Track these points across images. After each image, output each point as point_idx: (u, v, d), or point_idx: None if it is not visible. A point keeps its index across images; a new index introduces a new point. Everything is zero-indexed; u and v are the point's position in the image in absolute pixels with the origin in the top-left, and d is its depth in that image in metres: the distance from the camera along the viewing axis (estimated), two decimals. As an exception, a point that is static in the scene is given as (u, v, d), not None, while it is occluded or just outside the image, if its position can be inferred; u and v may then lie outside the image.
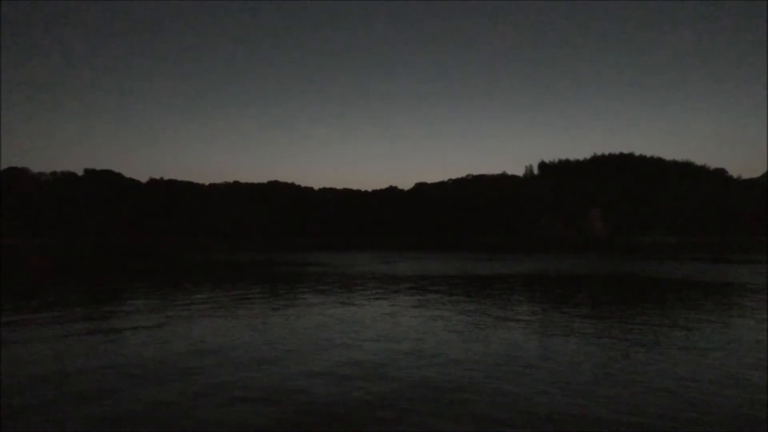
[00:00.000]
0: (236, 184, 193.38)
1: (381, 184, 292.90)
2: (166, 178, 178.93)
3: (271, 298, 19.38)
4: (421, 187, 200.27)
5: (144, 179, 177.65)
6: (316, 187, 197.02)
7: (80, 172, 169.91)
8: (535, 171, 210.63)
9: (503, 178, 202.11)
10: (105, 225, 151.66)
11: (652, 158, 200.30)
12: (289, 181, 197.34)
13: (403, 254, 58.96)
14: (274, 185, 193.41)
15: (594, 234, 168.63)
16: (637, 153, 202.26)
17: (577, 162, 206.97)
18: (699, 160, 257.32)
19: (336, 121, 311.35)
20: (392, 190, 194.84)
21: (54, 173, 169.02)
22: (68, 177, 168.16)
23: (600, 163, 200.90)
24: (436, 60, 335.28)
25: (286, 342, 11.62)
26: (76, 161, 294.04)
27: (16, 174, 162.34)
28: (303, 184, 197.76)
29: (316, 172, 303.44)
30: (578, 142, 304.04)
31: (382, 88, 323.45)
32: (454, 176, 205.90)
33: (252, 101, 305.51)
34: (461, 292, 21.70)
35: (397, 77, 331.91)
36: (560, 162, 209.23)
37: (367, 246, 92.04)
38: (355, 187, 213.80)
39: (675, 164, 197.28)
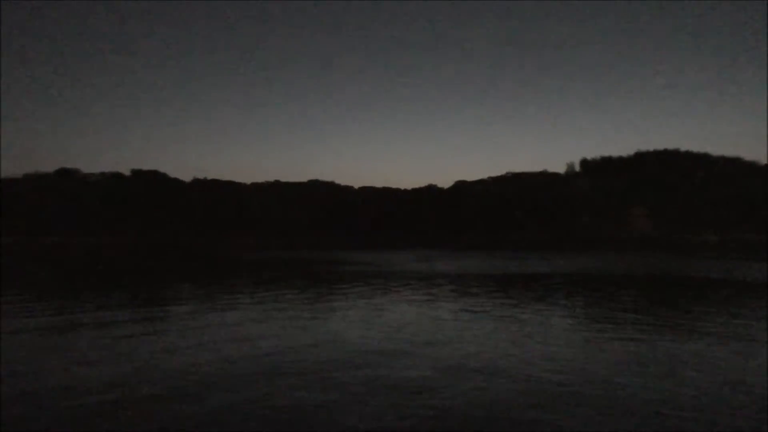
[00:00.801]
0: (277, 183, 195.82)
1: (420, 182, 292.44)
2: (209, 177, 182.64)
3: (311, 299, 19.78)
4: (460, 185, 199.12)
5: (188, 179, 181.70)
6: (355, 186, 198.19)
7: (127, 173, 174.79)
8: (577, 168, 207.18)
9: (544, 176, 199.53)
10: (150, 224, 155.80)
11: (698, 154, 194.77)
12: (329, 179, 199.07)
13: (443, 253, 59.23)
14: (315, 184, 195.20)
15: (637, 232, 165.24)
16: (683, 149, 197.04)
17: (620, 159, 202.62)
18: (749, 156, 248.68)
19: (376, 120, 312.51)
20: (431, 189, 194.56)
21: (103, 173, 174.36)
22: (116, 177, 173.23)
23: (644, 160, 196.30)
24: (475, 58, 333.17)
25: (330, 347, 11.25)
26: (123, 162, 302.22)
27: (67, 174, 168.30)
28: (342, 183, 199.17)
29: (356, 171, 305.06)
30: (621, 138, 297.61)
31: (422, 87, 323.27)
32: (493, 174, 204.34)
33: (292, 101, 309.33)
34: (501, 291, 21.99)
35: (438, 76, 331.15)
36: (602, 159, 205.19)
37: (407, 245, 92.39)
38: (394, 185, 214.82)
39: (723, 160, 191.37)
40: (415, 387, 8.26)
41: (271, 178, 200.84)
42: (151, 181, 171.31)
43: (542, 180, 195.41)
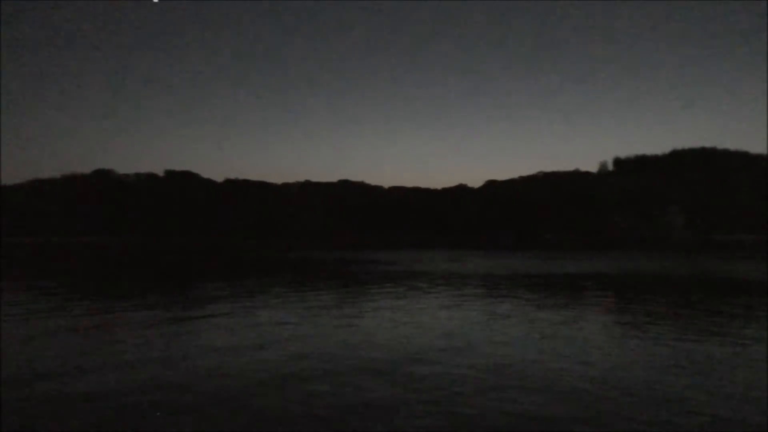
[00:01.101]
0: (307, 183, 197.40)
1: (451, 182, 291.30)
2: (240, 178, 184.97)
3: (340, 299, 19.76)
4: (491, 185, 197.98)
5: (220, 179, 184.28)
6: (385, 186, 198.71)
7: (161, 173, 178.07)
8: (610, 167, 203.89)
9: (576, 175, 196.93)
10: (184, 224, 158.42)
11: (737, 152, 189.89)
12: (359, 179, 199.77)
13: (473, 253, 58.83)
14: (345, 184, 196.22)
15: (673, 232, 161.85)
16: (720, 147, 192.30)
17: (655, 157, 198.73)
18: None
19: (406, 120, 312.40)
20: (462, 188, 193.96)
21: (137, 174, 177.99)
22: (150, 178, 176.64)
23: (680, 158, 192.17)
24: (507, 56, 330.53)
25: (361, 349, 11.12)
26: (157, 162, 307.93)
27: (103, 175, 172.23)
28: (372, 183, 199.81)
29: (386, 171, 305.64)
30: (656, 136, 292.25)
31: (453, 86, 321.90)
32: (524, 173, 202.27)
33: (323, 102, 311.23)
34: (532, 292, 21.67)
35: (468, 75, 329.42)
36: (636, 157, 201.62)
37: (437, 245, 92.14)
38: (424, 185, 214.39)
39: (762, 158, 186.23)
40: (446, 391, 8.11)
41: (301, 178, 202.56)
42: (184, 182, 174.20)
43: (574, 179, 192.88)
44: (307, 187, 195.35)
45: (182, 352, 10.87)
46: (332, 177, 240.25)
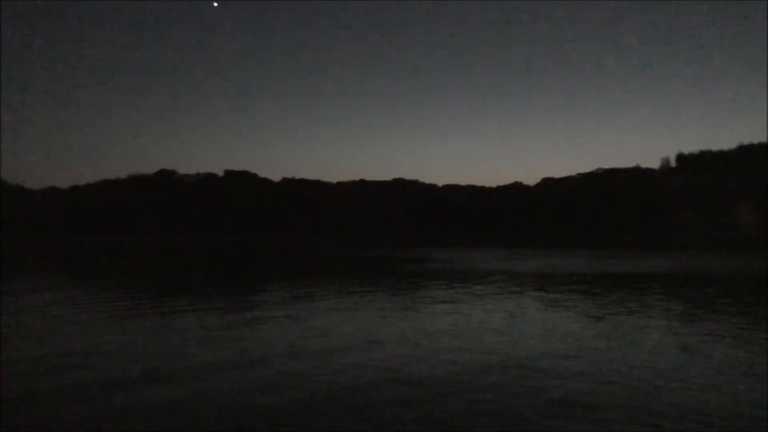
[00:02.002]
0: (362, 182, 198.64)
1: (505, 179, 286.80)
2: (296, 177, 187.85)
3: (395, 297, 19.90)
4: (547, 182, 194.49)
5: (277, 179, 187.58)
6: (439, 184, 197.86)
7: (221, 173, 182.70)
8: (673, 163, 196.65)
9: (636, 172, 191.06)
10: (242, 222, 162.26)
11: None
12: (413, 178, 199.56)
13: (529, 251, 58.16)
14: (399, 182, 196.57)
15: (741, 231, 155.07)
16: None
17: (721, 152, 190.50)
18: None
19: (460, 117, 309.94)
20: (517, 186, 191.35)
21: (198, 174, 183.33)
22: (210, 177, 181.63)
23: (748, 153, 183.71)
24: (563, 50, 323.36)
25: (417, 348, 11.01)
26: (217, 163, 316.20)
27: (166, 176, 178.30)
28: (427, 181, 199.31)
29: (440, 169, 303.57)
30: (721, 130, 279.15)
31: (508, 82, 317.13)
32: (582, 170, 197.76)
33: (376, 101, 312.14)
34: (590, 292, 21.38)
35: (524, 70, 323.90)
36: (701, 153, 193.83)
37: (491, 243, 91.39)
38: (479, 183, 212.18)
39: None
40: (502, 393, 7.99)
41: (356, 177, 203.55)
42: (242, 181, 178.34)
43: (635, 176, 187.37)
44: (362, 185, 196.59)
45: (256, 353, 11.07)
46: (386, 176, 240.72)
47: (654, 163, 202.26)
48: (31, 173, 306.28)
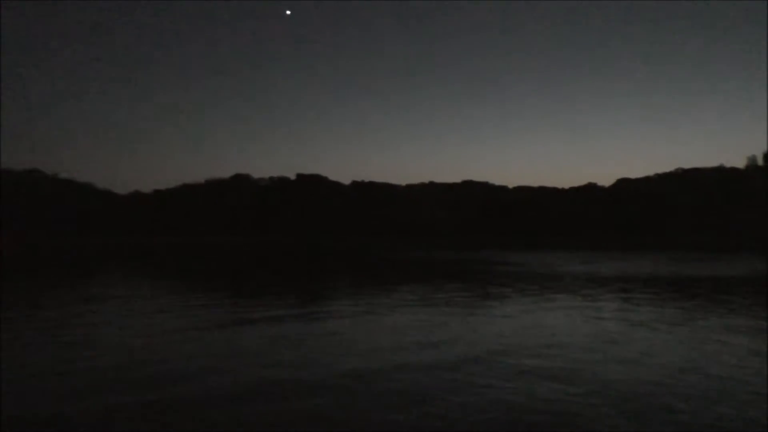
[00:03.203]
0: (431, 184, 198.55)
1: (579, 180, 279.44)
2: (366, 180, 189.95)
3: (468, 300, 20.00)
4: (623, 183, 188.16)
5: (347, 181, 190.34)
6: (510, 186, 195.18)
7: (293, 176, 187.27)
8: (760, 162, 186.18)
9: (720, 171, 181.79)
10: (314, 225, 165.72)
11: None
12: (483, 179, 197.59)
13: (605, 254, 56.81)
14: (468, 184, 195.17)
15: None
16: None
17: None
18: None
19: (531, 118, 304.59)
20: (591, 187, 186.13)
21: (271, 178, 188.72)
22: (283, 181, 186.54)
23: None
24: (635, 46, 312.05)
25: (492, 355, 10.74)
26: (289, 166, 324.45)
27: (241, 180, 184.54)
28: (497, 183, 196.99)
29: (510, 170, 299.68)
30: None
31: (580, 80, 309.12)
32: (660, 170, 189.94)
33: (445, 103, 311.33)
34: (672, 298, 20.90)
35: (597, 67, 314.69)
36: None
37: (565, 245, 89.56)
38: (551, 184, 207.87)
39: None
40: (580, 409, 7.58)
41: (425, 179, 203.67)
42: (313, 184, 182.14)
43: (718, 176, 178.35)
44: (431, 187, 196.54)
45: (310, 354, 11.55)
46: (456, 177, 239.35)
47: (739, 163, 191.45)
48: (117, 178, 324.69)
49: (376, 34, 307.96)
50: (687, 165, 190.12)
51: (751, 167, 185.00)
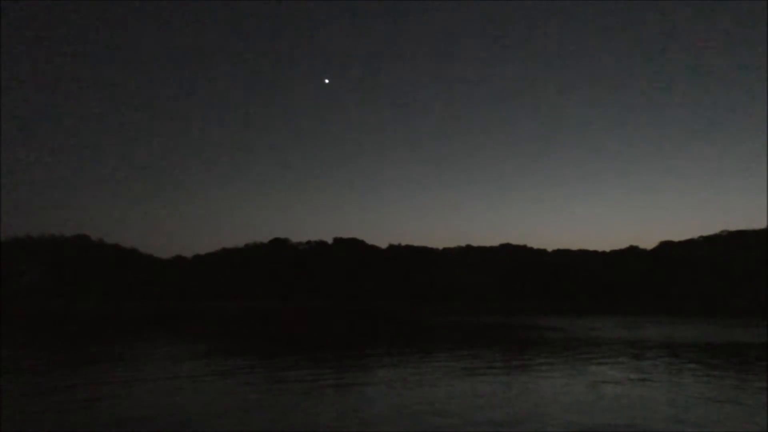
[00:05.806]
0: (468, 247, 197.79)
1: (620, 243, 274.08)
2: (403, 243, 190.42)
3: (506, 365, 19.74)
4: (666, 246, 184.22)
5: (384, 245, 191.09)
6: (549, 249, 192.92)
7: (330, 240, 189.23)
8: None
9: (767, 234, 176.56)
10: (351, 289, 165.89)
11: None
12: (521, 243, 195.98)
13: (648, 319, 55.32)
14: (506, 248, 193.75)
15: None
16: None
17: None
18: None
19: (569, 179, 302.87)
20: (633, 250, 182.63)
21: (309, 242, 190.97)
22: (320, 245, 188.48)
23: None
24: (682, 98, 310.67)
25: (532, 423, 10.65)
26: (327, 231, 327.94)
27: (279, 244, 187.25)
28: (536, 246, 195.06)
29: (549, 234, 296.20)
30: None
31: (620, 138, 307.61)
32: (705, 233, 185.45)
33: (483, 167, 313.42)
34: (722, 365, 20.19)
35: (640, 124, 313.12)
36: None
37: (605, 310, 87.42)
38: (591, 247, 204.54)
39: None
40: None
41: (462, 243, 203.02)
42: (350, 248, 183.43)
43: (765, 238, 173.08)
44: (468, 251, 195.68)
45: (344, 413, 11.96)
46: (493, 241, 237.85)
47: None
48: (159, 243, 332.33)
49: (414, 100, 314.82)
50: (732, 227, 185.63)
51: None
